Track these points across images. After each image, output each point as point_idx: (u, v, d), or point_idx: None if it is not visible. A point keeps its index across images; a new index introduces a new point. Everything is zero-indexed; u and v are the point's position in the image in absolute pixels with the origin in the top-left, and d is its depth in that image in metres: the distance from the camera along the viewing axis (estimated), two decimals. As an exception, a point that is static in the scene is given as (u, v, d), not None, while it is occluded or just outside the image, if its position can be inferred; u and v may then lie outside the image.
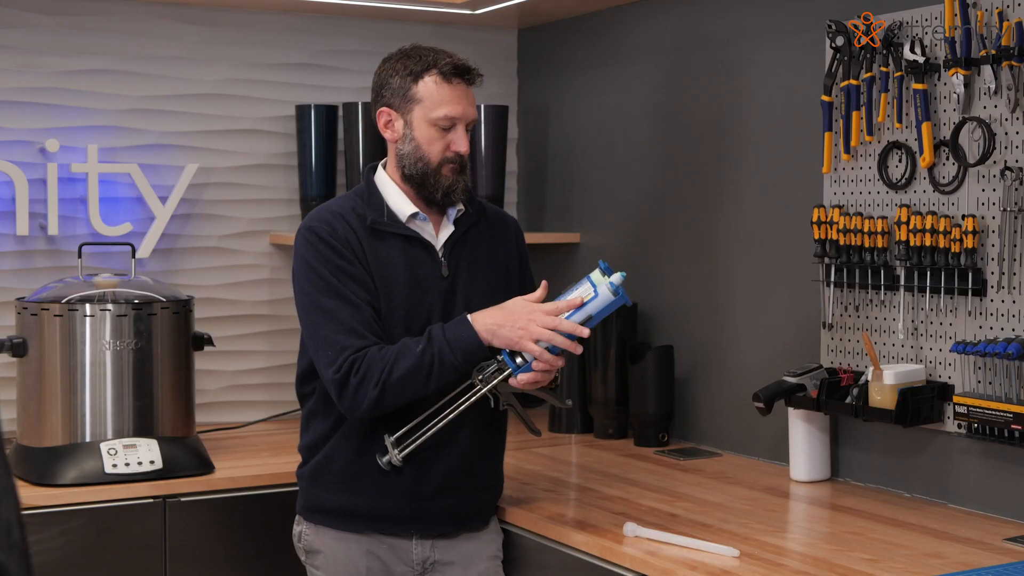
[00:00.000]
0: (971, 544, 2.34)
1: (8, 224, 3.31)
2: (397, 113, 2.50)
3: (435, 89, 2.47)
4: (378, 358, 2.36)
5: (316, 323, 2.43)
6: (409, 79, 2.48)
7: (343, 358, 2.37)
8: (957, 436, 2.63)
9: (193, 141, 3.55)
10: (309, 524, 2.57)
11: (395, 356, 2.36)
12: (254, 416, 3.62)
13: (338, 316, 2.40)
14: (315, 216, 2.51)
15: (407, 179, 2.51)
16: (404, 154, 2.50)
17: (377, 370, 2.35)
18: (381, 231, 2.50)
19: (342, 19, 3.73)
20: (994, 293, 2.54)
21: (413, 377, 2.35)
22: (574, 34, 3.77)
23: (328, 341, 2.40)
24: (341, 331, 2.39)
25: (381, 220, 2.50)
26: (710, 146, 3.28)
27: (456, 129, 2.49)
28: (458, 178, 2.51)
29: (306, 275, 2.46)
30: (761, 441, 3.12)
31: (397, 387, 2.36)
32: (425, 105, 2.47)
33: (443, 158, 2.48)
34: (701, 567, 2.20)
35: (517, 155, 4.01)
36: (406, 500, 2.50)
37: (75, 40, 3.41)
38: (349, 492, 2.51)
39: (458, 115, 2.48)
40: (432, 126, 2.47)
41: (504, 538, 2.64)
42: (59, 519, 2.73)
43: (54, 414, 2.88)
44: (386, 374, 2.35)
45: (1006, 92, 2.50)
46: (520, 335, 2.33)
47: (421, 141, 2.48)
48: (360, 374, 2.36)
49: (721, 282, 3.25)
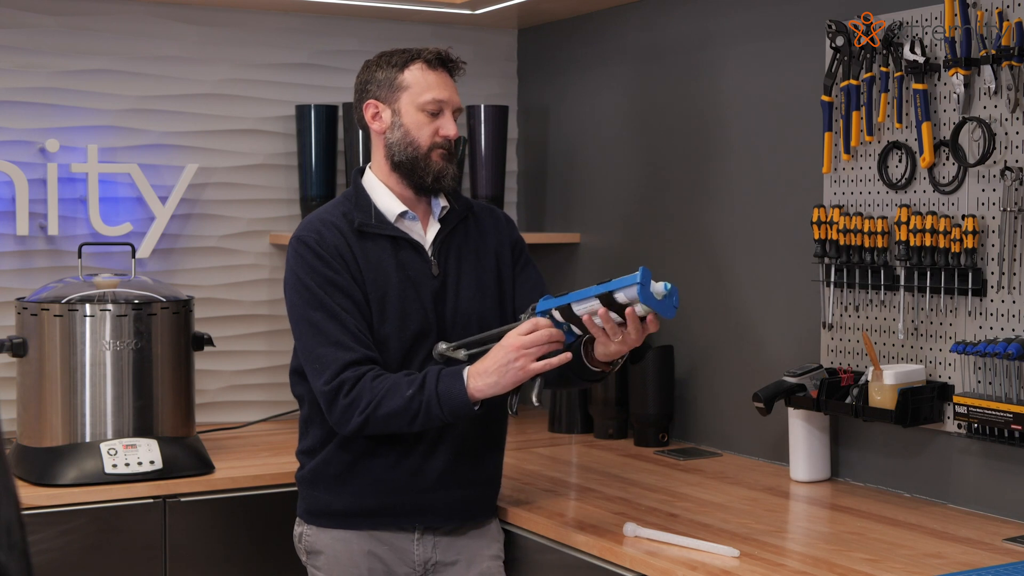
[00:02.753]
0: (971, 544, 2.34)
1: (8, 224, 3.31)
2: (384, 104, 2.53)
3: (421, 75, 2.51)
4: (368, 388, 2.38)
5: (305, 335, 2.45)
6: (394, 69, 2.52)
7: (331, 372, 2.39)
8: (957, 436, 2.63)
9: (193, 141, 3.55)
10: (310, 526, 2.58)
11: (385, 392, 2.37)
12: (254, 416, 3.62)
13: (324, 329, 2.42)
14: (304, 226, 2.53)
15: (396, 167, 2.53)
16: (393, 142, 2.52)
17: (364, 400, 2.37)
18: (370, 233, 2.51)
19: (342, 19, 3.73)
20: (994, 293, 2.54)
21: (398, 418, 2.37)
22: (574, 34, 3.77)
23: (315, 354, 2.42)
24: (327, 344, 2.41)
25: (369, 222, 2.51)
26: (710, 146, 3.28)
27: (444, 114, 2.52)
28: (447, 164, 2.53)
29: (294, 287, 2.47)
30: (761, 441, 3.12)
31: (381, 423, 2.38)
32: (412, 91, 2.51)
33: (432, 143, 2.51)
34: (701, 567, 2.20)
35: (517, 155, 4.01)
36: (407, 494, 2.51)
37: (75, 40, 3.41)
38: (349, 492, 2.52)
39: (445, 99, 2.51)
40: (420, 111, 2.50)
41: (504, 538, 2.64)
42: (59, 519, 2.73)
43: (54, 414, 2.88)
44: (372, 408, 2.37)
45: (1006, 92, 2.50)
46: (518, 370, 2.30)
47: (410, 126, 2.51)
48: (349, 398, 2.38)
49: (721, 282, 3.25)
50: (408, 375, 2.40)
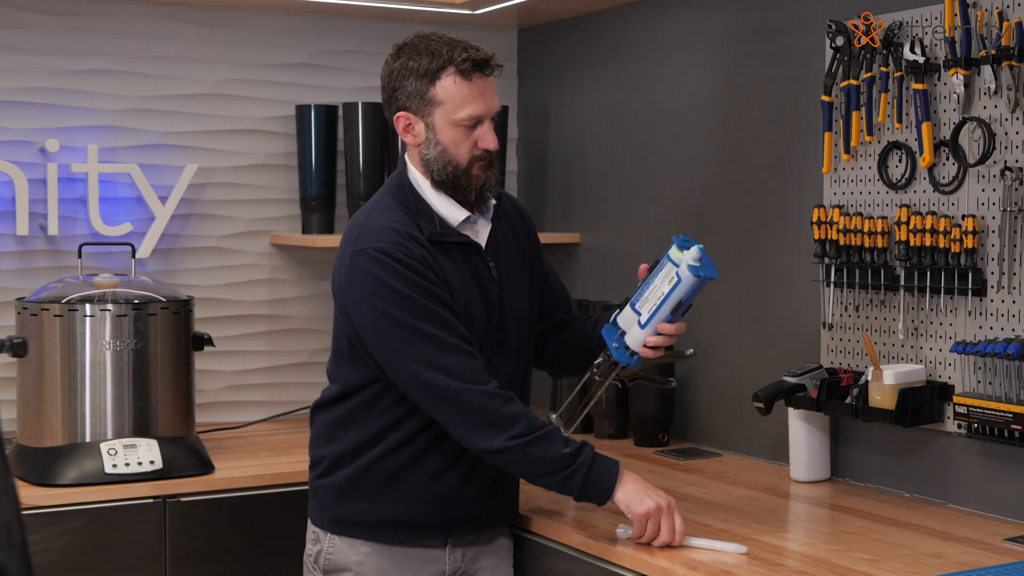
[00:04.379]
0: (971, 544, 2.34)
1: (8, 224, 3.31)
2: (416, 116, 2.36)
3: (455, 89, 2.32)
4: (526, 417, 2.27)
5: (414, 346, 2.27)
6: (425, 81, 2.33)
7: (476, 378, 2.26)
8: (957, 436, 2.63)
9: (193, 141, 3.55)
10: (337, 537, 2.43)
11: (543, 435, 2.27)
12: (254, 416, 3.62)
13: (440, 338, 2.27)
14: (379, 236, 2.31)
15: (439, 185, 2.37)
16: (430, 159, 2.36)
17: (520, 428, 2.26)
18: (441, 242, 2.36)
19: (342, 19, 3.74)
20: (994, 293, 2.54)
21: (538, 465, 2.28)
22: (574, 34, 3.77)
23: (437, 364, 2.26)
24: (450, 351, 2.26)
25: (436, 231, 2.35)
26: (710, 146, 3.28)
27: (482, 125, 2.36)
28: (490, 173, 2.39)
29: (390, 299, 2.27)
30: (761, 441, 3.12)
31: (519, 459, 2.27)
32: (447, 107, 2.33)
33: (472, 157, 2.36)
34: (701, 567, 2.20)
35: (517, 155, 4.01)
36: (447, 506, 2.40)
37: (75, 40, 3.41)
38: (390, 500, 2.39)
39: (483, 112, 2.35)
40: (456, 127, 2.33)
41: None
42: (59, 519, 2.73)
43: (54, 414, 2.88)
44: (525, 441, 2.25)
45: (1006, 92, 2.50)
46: (653, 517, 2.31)
47: (447, 144, 2.34)
48: (505, 412, 2.26)
49: (721, 282, 3.24)
50: (560, 432, 2.33)
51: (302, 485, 2.92)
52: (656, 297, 2.32)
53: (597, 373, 2.40)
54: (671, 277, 2.31)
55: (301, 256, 3.70)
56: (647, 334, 2.32)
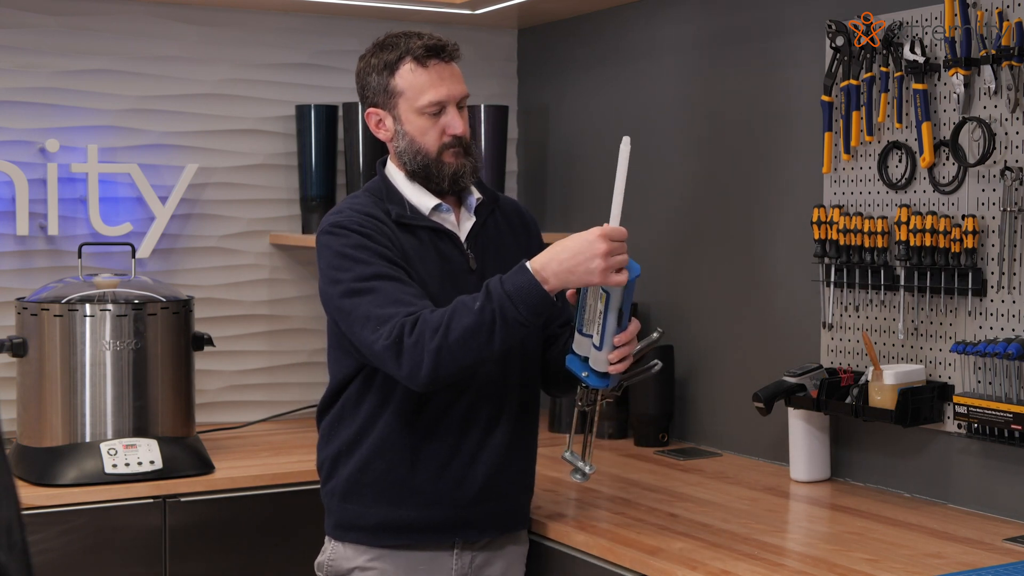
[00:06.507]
0: (971, 544, 2.34)
1: (8, 224, 3.31)
2: (384, 111, 2.40)
3: (412, 77, 2.35)
4: (430, 319, 2.16)
5: (356, 304, 2.23)
6: (385, 73, 2.37)
7: (391, 325, 2.17)
8: (957, 436, 2.63)
9: (193, 141, 3.55)
10: (341, 544, 2.41)
11: (451, 314, 2.15)
12: (254, 416, 3.62)
13: (382, 291, 2.22)
14: (339, 213, 2.35)
15: (413, 176, 2.39)
16: (402, 151, 2.39)
17: (430, 330, 2.14)
18: (408, 224, 2.36)
19: (342, 19, 3.74)
20: (994, 293, 2.54)
21: (475, 336, 2.14)
22: (574, 34, 3.77)
23: (371, 315, 2.20)
24: (386, 303, 2.20)
25: (405, 214, 2.37)
26: (710, 146, 3.28)
27: (447, 112, 2.36)
28: (464, 161, 2.38)
29: (340, 265, 2.27)
30: (761, 441, 3.12)
31: (458, 348, 2.14)
32: (408, 96, 2.35)
33: (441, 144, 2.37)
34: (701, 567, 2.20)
35: (517, 155, 4.01)
36: (449, 508, 2.37)
37: (75, 40, 3.41)
38: (389, 503, 2.36)
39: (443, 97, 2.35)
40: (421, 115, 2.35)
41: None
42: (59, 519, 2.73)
43: (54, 414, 2.88)
44: (442, 334, 2.14)
45: (1006, 92, 2.50)
46: (594, 273, 2.15)
47: (414, 133, 2.37)
48: (414, 336, 2.15)
49: (721, 282, 3.25)
50: (465, 295, 2.21)
51: (302, 485, 2.93)
52: (596, 316, 2.23)
53: (584, 404, 2.34)
54: (599, 293, 2.22)
55: (301, 256, 3.70)
56: (607, 353, 2.25)
